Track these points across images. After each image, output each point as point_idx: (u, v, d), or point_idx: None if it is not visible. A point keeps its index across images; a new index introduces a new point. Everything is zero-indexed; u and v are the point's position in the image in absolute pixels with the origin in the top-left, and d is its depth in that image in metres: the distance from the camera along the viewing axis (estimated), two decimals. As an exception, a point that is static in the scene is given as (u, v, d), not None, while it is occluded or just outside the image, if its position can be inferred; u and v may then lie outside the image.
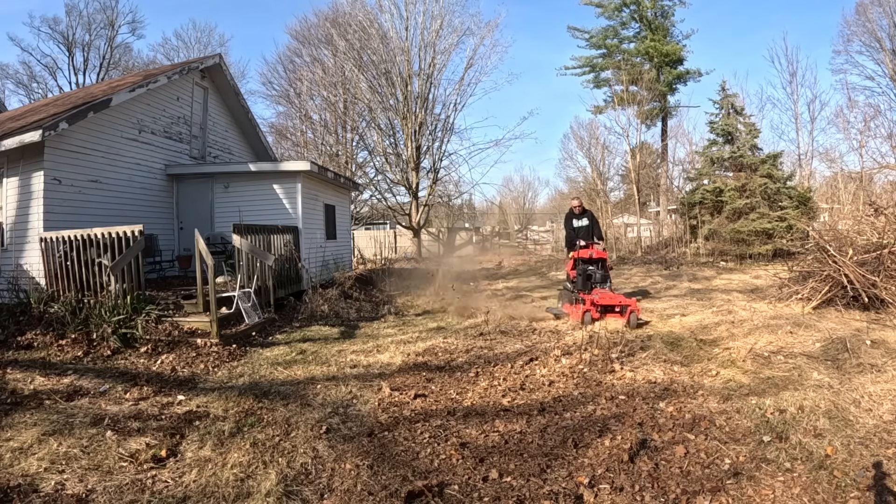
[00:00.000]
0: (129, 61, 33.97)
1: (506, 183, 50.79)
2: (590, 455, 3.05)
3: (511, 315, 7.55)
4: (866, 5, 25.82)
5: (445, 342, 6.23)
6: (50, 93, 30.66)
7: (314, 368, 5.26)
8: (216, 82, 11.92)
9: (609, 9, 26.15)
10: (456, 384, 4.58)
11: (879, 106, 21.81)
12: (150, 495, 2.73)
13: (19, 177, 7.53)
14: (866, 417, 3.34)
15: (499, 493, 2.68)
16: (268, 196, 10.11)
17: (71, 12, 32.36)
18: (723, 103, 17.58)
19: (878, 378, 3.89)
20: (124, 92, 8.81)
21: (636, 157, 22.40)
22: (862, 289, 5.92)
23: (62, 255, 6.71)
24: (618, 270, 14.15)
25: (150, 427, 3.63)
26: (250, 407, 4.06)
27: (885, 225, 6.38)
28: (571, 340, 5.82)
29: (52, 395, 4.25)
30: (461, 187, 29.05)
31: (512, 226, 39.40)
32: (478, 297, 9.93)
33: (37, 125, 7.32)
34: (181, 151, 10.70)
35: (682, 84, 26.35)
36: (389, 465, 3.02)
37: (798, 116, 23.40)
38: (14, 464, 3.08)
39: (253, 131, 13.30)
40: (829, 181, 17.59)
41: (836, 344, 4.76)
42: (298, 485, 2.82)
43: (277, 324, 7.35)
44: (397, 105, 24.98)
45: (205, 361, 5.41)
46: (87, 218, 7.66)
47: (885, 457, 2.81)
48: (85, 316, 5.98)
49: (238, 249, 7.49)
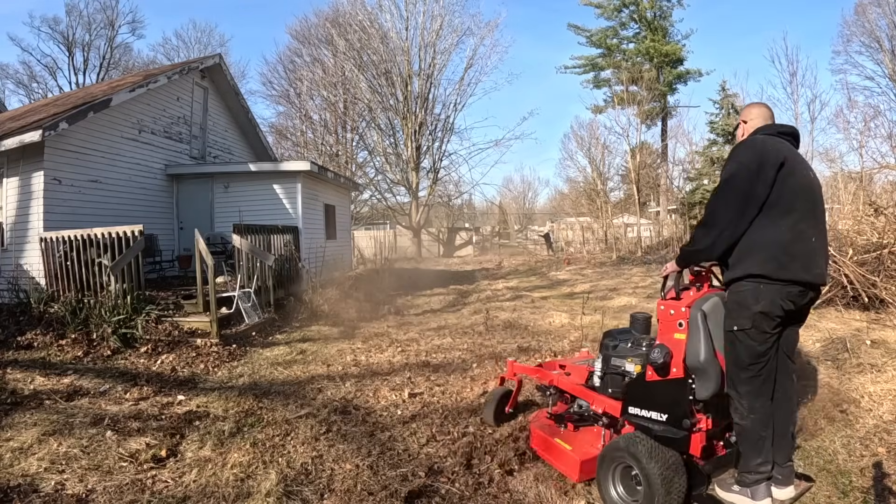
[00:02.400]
0: (129, 61, 34.04)
1: (506, 183, 50.90)
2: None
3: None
4: (865, 6, 25.87)
5: (446, 341, 6.23)
6: (50, 93, 30.70)
7: (314, 368, 5.26)
8: (216, 82, 11.93)
9: (608, 9, 26.19)
10: (456, 383, 4.58)
11: (879, 106, 21.79)
12: (150, 495, 2.73)
13: (19, 177, 7.54)
14: (867, 417, 3.34)
15: (498, 493, 2.68)
16: (268, 196, 10.11)
17: (71, 12, 32.46)
18: (723, 103, 17.62)
19: (878, 378, 3.89)
20: (124, 92, 8.81)
21: (636, 157, 22.40)
22: (862, 289, 5.92)
23: (62, 255, 6.71)
24: (618, 270, 14.15)
25: (150, 427, 3.63)
26: (250, 407, 4.06)
27: (885, 225, 6.38)
28: (568, 343, 5.82)
29: (52, 395, 4.25)
30: (461, 187, 29.14)
31: (512, 226, 39.42)
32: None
33: (37, 125, 7.32)
34: (181, 151, 10.70)
35: (682, 84, 26.42)
36: (389, 464, 3.02)
37: (798, 116, 23.40)
38: (14, 464, 3.08)
39: (253, 131, 13.30)
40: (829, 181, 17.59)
41: (836, 344, 4.76)
42: (298, 485, 2.82)
43: (277, 324, 7.35)
44: (397, 105, 24.99)
45: (205, 361, 5.41)
46: (87, 218, 7.66)
47: (885, 457, 2.82)
48: (85, 316, 5.98)
49: (238, 249, 7.49)
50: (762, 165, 2.21)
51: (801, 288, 2.20)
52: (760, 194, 2.20)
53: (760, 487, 2.25)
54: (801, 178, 2.26)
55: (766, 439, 2.25)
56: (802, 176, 2.27)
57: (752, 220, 2.22)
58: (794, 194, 2.22)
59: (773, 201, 2.20)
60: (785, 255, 2.17)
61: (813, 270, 2.21)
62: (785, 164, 2.22)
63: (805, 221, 2.22)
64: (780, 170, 2.21)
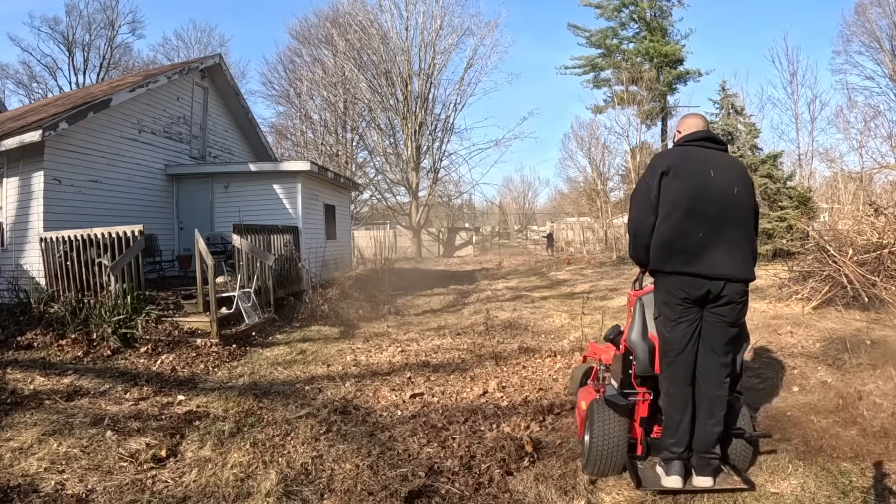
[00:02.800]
0: (129, 61, 34.01)
1: (506, 183, 50.86)
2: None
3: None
4: (866, 5, 25.86)
5: (446, 341, 6.23)
6: (50, 93, 30.69)
7: (314, 368, 5.26)
8: (216, 82, 11.93)
9: (608, 10, 26.19)
10: (456, 383, 4.58)
11: (879, 106, 21.83)
12: (150, 495, 2.73)
13: (19, 177, 7.53)
14: (867, 417, 3.34)
15: (498, 493, 2.68)
16: (268, 196, 10.11)
17: (71, 12, 32.44)
18: (723, 103, 17.56)
19: (878, 378, 3.89)
20: (124, 92, 8.81)
21: (636, 157, 22.40)
22: (862, 289, 5.92)
23: (62, 255, 6.71)
24: (618, 270, 14.16)
25: (150, 427, 3.63)
26: (250, 407, 4.06)
27: (885, 225, 6.37)
28: (568, 343, 5.82)
29: (52, 395, 4.25)
30: (461, 187, 29.16)
31: (512, 226, 39.42)
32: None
33: (37, 125, 7.32)
34: (181, 151, 10.70)
35: (682, 84, 26.41)
36: (389, 464, 3.02)
37: (798, 116, 23.45)
38: (14, 464, 3.08)
39: (253, 131, 13.30)
40: (829, 181, 17.56)
41: (836, 344, 4.76)
42: (298, 485, 2.82)
43: (277, 324, 7.35)
44: (397, 105, 25.00)
45: (205, 361, 5.41)
46: (87, 218, 7.65)
47: (885, 457, 2.81)
48: (85, 316, 5.98)
49: (238, 249, 7.49)
50: (652, 177, 2.52)
51: (691, 279, 2.41)
52: (652, 201, 2.51)
53: (673, 465, 2.48)
54: (688, 181, 2.47)
55: (680, 423, 2.48)
56: (692, 178, 2.48)
57: (654, 224, 2.51)
58: (676, 197, 2.46)
59: (661, 205, 2.49)
60: (667, 251, 2.46)
61: (700, 264, 2.41)
62: (668, 172, 2.48)
63: (690, 220, 2.44)
64: (663, 178, 2.48)
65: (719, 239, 2.44)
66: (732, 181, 2.50)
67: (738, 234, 2.47)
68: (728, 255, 2.42)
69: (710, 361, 2.49)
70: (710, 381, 2.49)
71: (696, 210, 2.44)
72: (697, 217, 2.44)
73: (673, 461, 2.48)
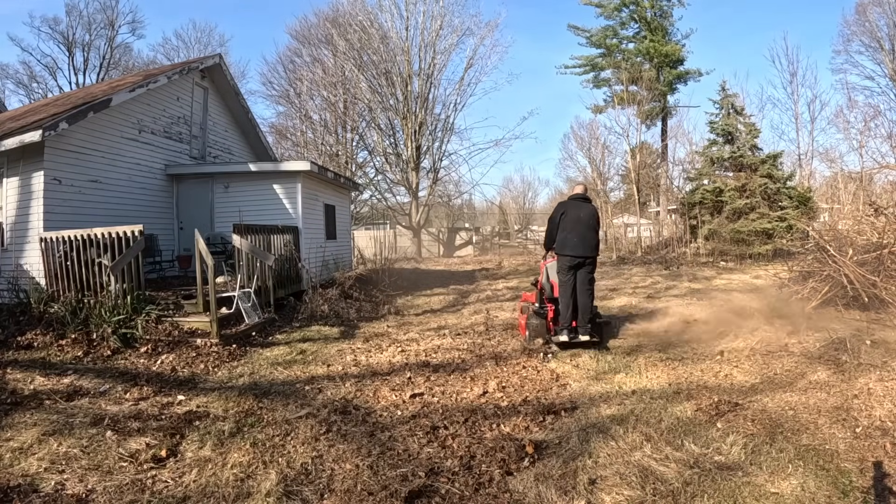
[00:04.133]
0: (129, 61, 34.00)
1: (506, 183, 50.82)
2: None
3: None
4: (866, 5, 25.88)
5: (446, 341, 6.23)
6: (50, 93, 30.69)
7: (314, 368, 5.26)
8: (216, 82, 11.92)
9: (608, 9, 26.14)
10: (456, 383, 4.58)
11: (879, 106, 21.84)
12: (150, 495, 2.73)
13: (19, 177, 7.53)
14: (867, 417, 3.34)
15: (498, 493, 2.68)
16: (268, 196, 10.11)
17: (71, 12, 32.41)
18: (723, 103, 17.57)
19: (878, 378, 3.89)
20: (124, 92, 8.81)
21: (636, 157, 22.40)
22: (862, 289, 5.92)
23: (62, 255, 6.70)
24: (618, 270, 14.15)
25: (150, 427, 3.63)
26: (250, 407, 4.06)
27: (885, 225, 6.37)
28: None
29: (52, 395, 4.25)
30: (461, 187, 29.17)
31: (512, 226, 39.38)
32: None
33: (37, 125, 7.31)
34: (181, 151, 10.69)
35: (682, 84, 26.35)
36: (389, 464, 3.02)
37: (798, 116, 23.46)
38: (14, 464, 3.08)
39: (253, 131, 13.29)
40: (829, 181, 17.60)
41: (836, 344, 4.76)
42: (298, 485, 2.82)
43: (277, 324, 7.35)
44: (397, 105, 25.00)
45: (205, 361, 5.41)
46: (87, 218, 7.65)
47: (885, 457, 2.81)
48: (85, 316, 5.98)
49: (238, 249, 7.48)
50: (557, 213, 5.62)
51: (571, 258, 5.38)
52: (556, 223, 5.56)
53: (562, 333, 5.37)
54: (571, 216, 5.50)
55: (567, 310, 5.35)
56: (573, 215, 5.50)
57: (556, 232, 5.55)
58: (566, 222, 5.50)
59: (560, 224, 5.52)
60: (561, 245, 5.48)
61: (575, 251, 5.38)
62: (565, 212, 5.55)
63: (571, 232, 5.43)
64: (562, 215, 5.54)
65: (582, 239, 5.41)
66: (589, 215, 5.54)
67: (591, 234, 5.48)
68: (585, 247, 5.41)
69: (582, 289, 5.39)
70: (582, 296, 5.37)
71: (574, 228, 5.45)
72: (574, 231, 5.44)
73: (563, 330, 5.36)
